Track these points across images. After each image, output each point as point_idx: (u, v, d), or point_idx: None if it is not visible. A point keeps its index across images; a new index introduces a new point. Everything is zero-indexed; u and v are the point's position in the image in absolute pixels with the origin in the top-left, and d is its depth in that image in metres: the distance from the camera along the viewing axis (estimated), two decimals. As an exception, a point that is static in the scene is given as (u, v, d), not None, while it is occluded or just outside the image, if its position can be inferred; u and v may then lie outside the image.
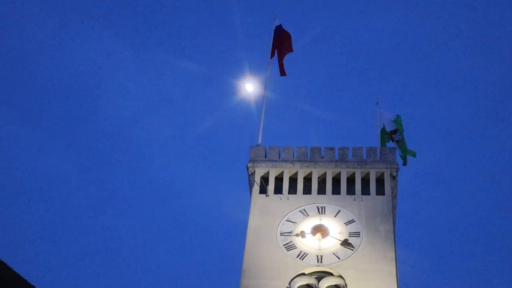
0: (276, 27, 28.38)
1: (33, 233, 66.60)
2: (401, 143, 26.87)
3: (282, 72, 28.50)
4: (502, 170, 67.23)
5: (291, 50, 28.83)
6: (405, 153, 26.71)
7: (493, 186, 67.43)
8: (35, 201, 68.31)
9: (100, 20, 72.95)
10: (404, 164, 26.51)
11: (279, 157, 25.70)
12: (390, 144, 27.07)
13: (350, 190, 24.59)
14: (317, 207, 23.98)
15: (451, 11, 70.54)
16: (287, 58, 28.26)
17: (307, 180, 25.08)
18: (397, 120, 27.05)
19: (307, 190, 24.75)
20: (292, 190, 24.82)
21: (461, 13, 69.74)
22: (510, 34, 67.78)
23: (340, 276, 21.71)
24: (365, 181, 24.87)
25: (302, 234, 22.94)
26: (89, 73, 72.46)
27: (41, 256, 63.17)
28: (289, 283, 21.61)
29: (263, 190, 24.64)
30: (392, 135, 27.04)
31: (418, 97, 69.65)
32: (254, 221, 23.72)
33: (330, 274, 21.85)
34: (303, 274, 21.91)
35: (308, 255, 22.45)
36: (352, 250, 22.52)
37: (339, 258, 22.28)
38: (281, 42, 28.22)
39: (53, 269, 61.81)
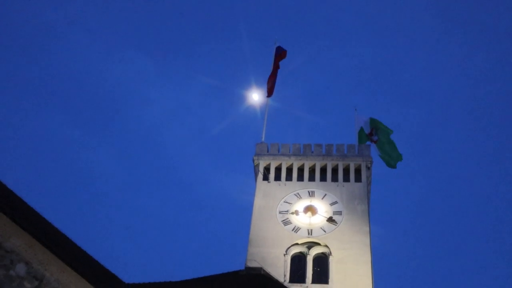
0: (277, 48, 30.19)
1: (79, 211, 73.35)
2: (380, 144, 27.75)
3: (269, 93, 29.37)
4: (451, 162, 76.75)
5: (284, 56, 30.07)
6: (385, 154, 27.48)
7: (444, 175, 76.78)
8: (81, 185, 75.61)
9: (132, 44, 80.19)
10: (393, 167, 27.43)
11: (279, 152, 27.38)
12: (368, 143, 28.41)
13: (334, 178, 26.50)
14: (308, 191, 25.90)
15: (413, 38, 79.14)
16: (286, 74, 30.72)
17: (300, 170, 26.99)
18: (372, 122, 28.51)
19: (300, 178, 26.62)
20: (289, 177, 26.67)
21: (421, 41, 78.71)
22: (450, 57, 75.65)
23: (326, 246, 23.76)
24: (346, 171, 26.76)
25: (296, 212, 24.90)
26: (124, 86, 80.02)
27: (86, 229, 69.48)
28: (286, 251, 23.65)
29: (265, 178, 26.53)
30: (371, 136, 28.38)
31: (388, 105, 76.19)
32: (258, 202, 25.54)
33: (318, 244, 23.86)
34: (297, 243, 23.96)
35: (301, 229, 24.38)
36: (336, 225, 24.39)
37: (325, 231, 24.24)
38: (279, 58, 29.72)
39: (96, 237, 68.10)
